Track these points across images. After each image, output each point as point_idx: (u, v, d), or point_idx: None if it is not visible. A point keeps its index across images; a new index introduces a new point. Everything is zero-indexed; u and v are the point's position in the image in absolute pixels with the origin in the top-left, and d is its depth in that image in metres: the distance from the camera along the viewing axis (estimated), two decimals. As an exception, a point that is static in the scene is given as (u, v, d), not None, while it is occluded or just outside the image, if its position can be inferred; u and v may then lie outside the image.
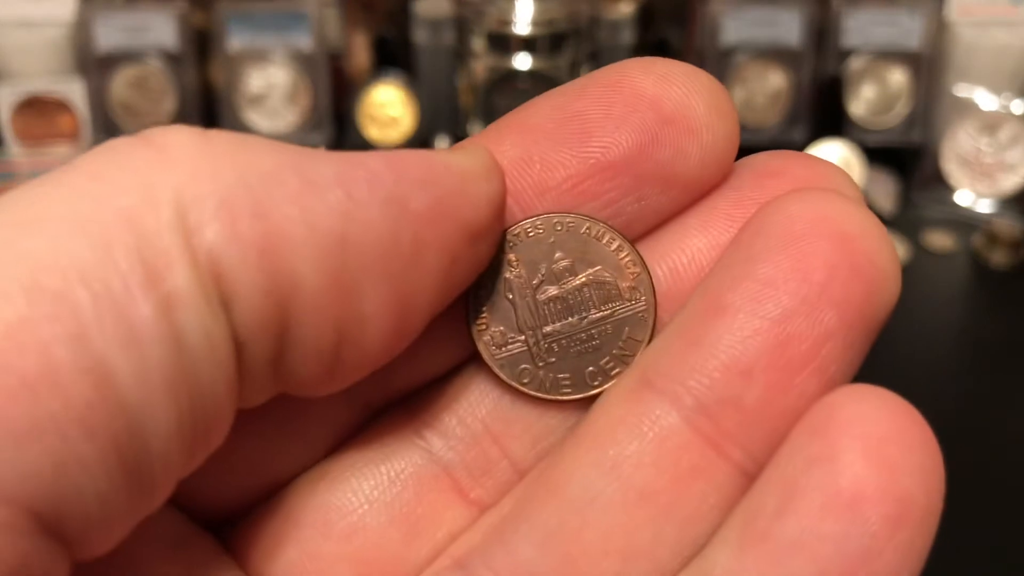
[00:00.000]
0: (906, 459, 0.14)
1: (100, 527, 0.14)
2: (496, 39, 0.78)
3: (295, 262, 0.14)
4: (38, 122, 0.80)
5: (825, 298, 0.14)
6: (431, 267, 0.16)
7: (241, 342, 0.15)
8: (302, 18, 0.81)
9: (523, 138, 0.17)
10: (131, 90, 0.80)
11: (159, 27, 0.80)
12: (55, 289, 0.13)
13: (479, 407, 0.18)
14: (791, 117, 0.81)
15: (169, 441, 0.14)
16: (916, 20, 0.79)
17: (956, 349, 0.69)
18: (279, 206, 0.14)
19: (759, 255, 0.15)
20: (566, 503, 0.16)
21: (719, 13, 0.80)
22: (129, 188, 0.14)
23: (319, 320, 0.15)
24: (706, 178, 0.17)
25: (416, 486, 0.18)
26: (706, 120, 0.16)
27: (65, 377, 0.13)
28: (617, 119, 0.16)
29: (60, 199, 0.14)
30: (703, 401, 0.15)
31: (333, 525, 0.18)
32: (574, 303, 0.17)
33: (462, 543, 0.18)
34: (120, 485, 0.14)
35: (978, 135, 0.78)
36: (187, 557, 0.17)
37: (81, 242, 0.13)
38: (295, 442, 0.18)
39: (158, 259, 0.14)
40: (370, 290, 0.15)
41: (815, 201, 0.15)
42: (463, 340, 0.18)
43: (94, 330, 0.13)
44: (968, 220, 0.77)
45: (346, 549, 0.18)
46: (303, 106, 0.81)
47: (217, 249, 0.14)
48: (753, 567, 0.14)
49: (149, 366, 0.13)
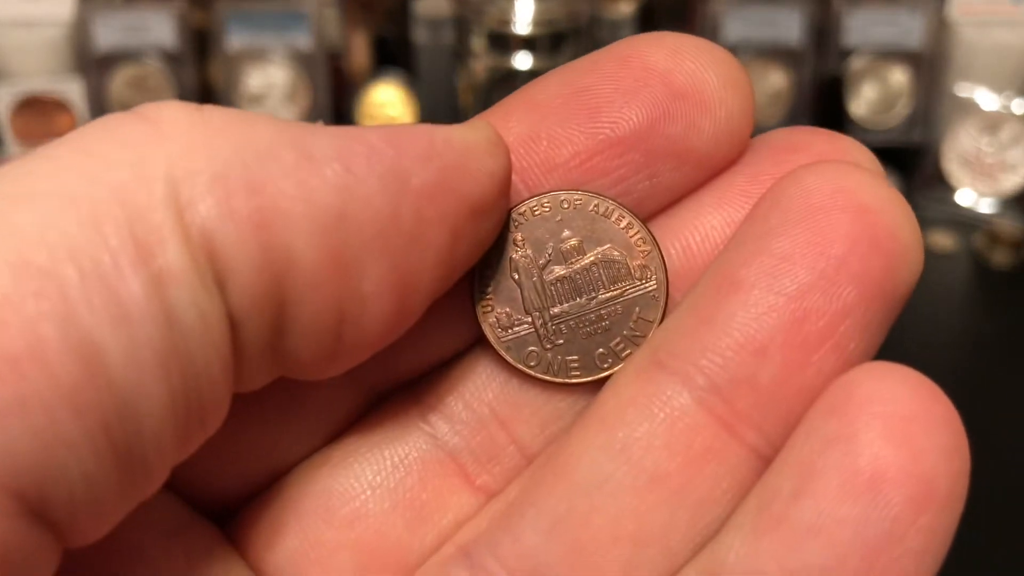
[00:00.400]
0: (929, 438, 0.13)
1: (89, 511, 0.13)
2: (496, 39, 0.78)
3: (291, 238, 0.14)
4: (37, 122, 0.80)
5: (844, 272, 0.14)
6: (432, 244, 0.15)
7: (236, 321, 0.14)
8: (301, 18, 0.81)
9: (529, 115, 0.16)
10: (130, 90, 0.80)
11: (158, 27, 0.80)
12: (42, 265, 0.13)
13: (485, 391, 0.18)
14: (792, 117, 0.80)
15: (162, 423, 0.14)
16: (917, 19, 0.79)
17: (957, 349, 0.69)
18: (275, 181, 0.14)
19: (775, 229, 0.14)
20: (574, 488, 0.16)
21: (719, 12, 0.80)
22: (121, 163, 0.14)
23: (317, 298, 0.15)
24: (720, 154, 0.16)
25: (420, 472, 0.18)
26: (720, 94, 0.16)
27: (52, 355, 0.13)
28: (627, 94, 0.16)
29: (50, 173, 0.13)
30: (716, 381, 0.15)
31: (335, 512, 0.17)
32: (582, 283, 0.17)
33: (467, 530, 0.17)
34: (110, 467, 0.13)
35: (979, 135, 0.78)
36: (186, 545, 0.17)
37: (70, 217, 0.13)
38: (297, 428, 0.18)
39: (149, 235, 0.13)
40: (370, 267, 0.15)
41: (833, 173, 0.15)
42: (468, 322, 0.18)
43: (82, 307, 0.13)
44: (969, 220, 0.77)
45: (348, 536, 0.17)
46: (302, 106, 0.81)
47: (210, 225, 0.14)
48: (768, 553, 0.14)
49: (139, 344, 0.13)
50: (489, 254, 0.17)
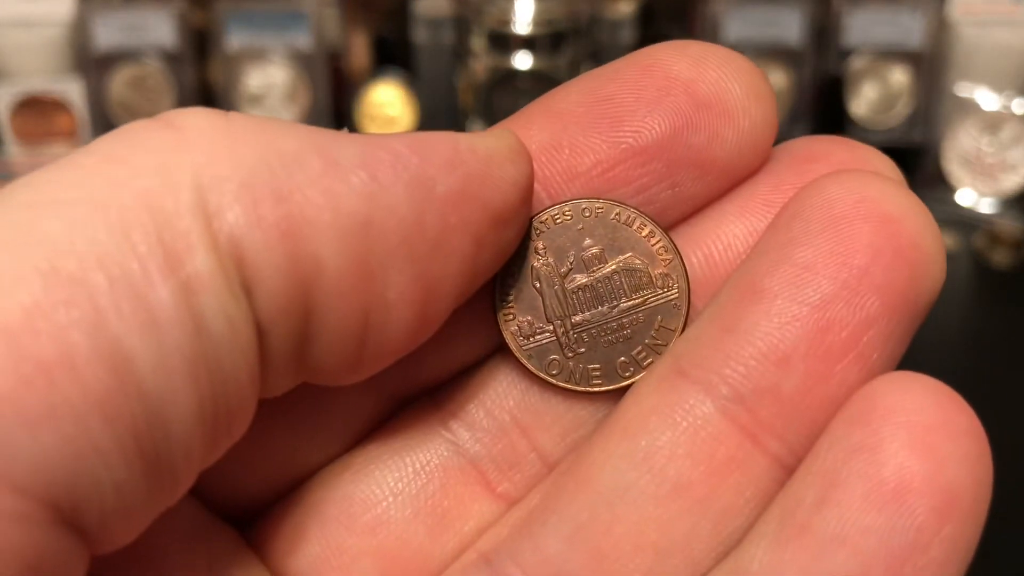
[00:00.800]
0: (953, 448, 0.13)
1: (119, 518, 0.14)
2: (496, 38, 0.78)
3: (318, 245, 0.14)
4: (37, 122, 0.80)
5: (867, 283, 0.14)
6: (456, 251, 0.15)
7: (263, 327, 0.14)
8: (301, 17, 0.81)
9: (551, 123, 0.16)
10: (130, 89, 0.80)
11: (158, 26, 0.80)
12: (72, 273, 0.13)
13: (507, 399, 0.18)
14: (792, 117, 0.81)
15: (190, 429, 0.14)
16: (917, 19, 0.79)
17: (957, 349, 0.69)
18: (302, 188, 0.14)
19: (797, 238, 0.14)
20: (596, 496, 0.16)
21: (720, 12, 0.80)
22: (148, 170, 0.14)
23: (342, 305, 0.15)
24: (743, 164, 0.16)
25: (442, 479, 0.18)
26: (743, 104, 0.16)
27: (82, 363, 0.13)
28: (649, 103, 0.16)
29: (77, 181, 0.13)
30: (739, 390, 0.15)
31: (357, 518, 0.17)
32: (604, 291, 0.17)
33: (489, 538, 0.17)
34: (139, 474, 0.13)
35: (979, 135, 0.78)
36: (208, 550, 0.17)
37: (99, 225, 0.13)
38: (319, 433, 0.18)
39: (177, 242, 0.13)
40: (394, 275, 0.15)
41: (855, 182, 0.15)
42: (490, 330, 0.18)
43: (112, 315, 0.13)
44: (969, 220, 0.77)
45: (370, 543, 0.17)
46: (302, 105, 0.81)
47: (238, 232, 0.14)
48: (792, 562, 0.13)
49: (168, 351, 0.13)
50: (511, 262, 0.17)
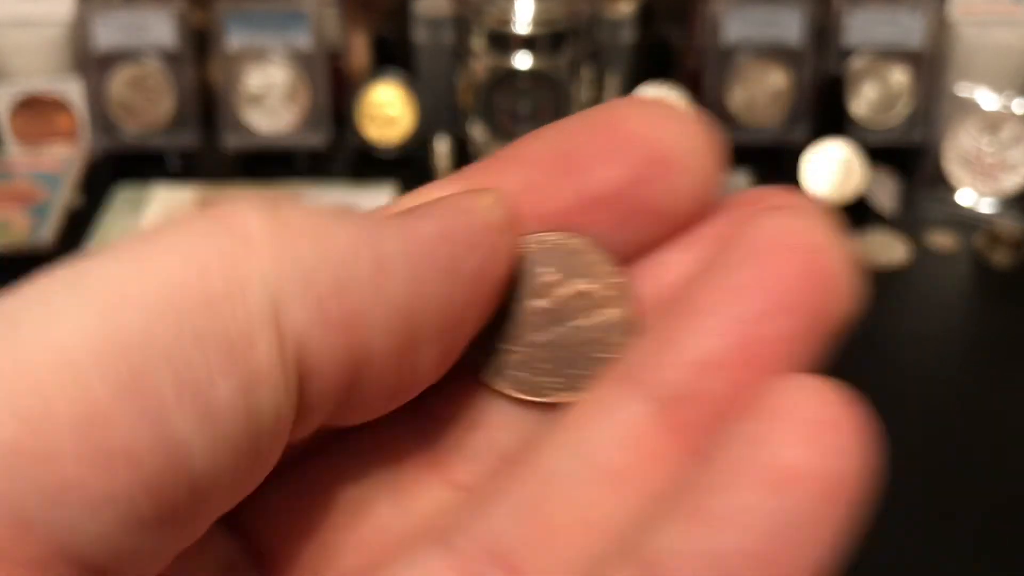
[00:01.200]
0: (837, 441, 0.15)
1: (145, 572, 0.15)
2: (496, 38, 0.78)
3: (371, 336, 0.16)
4: (36, 121, 0.80)
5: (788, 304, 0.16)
6: (473, 322, 0.17)
7: (305, 409, 0.16)
8: (301, 17, 0.81)
9: (521, 169, 0.18)
10: (129, 89, 0.80)
11: (158, 26, 0.80)
12: (140, 368, 0.14)
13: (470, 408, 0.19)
14: (792, 117, 0.81)
15: (223, 498, 0.15)
16: (917, 19, 0.79)
17: (957, 349, 0.69)
18: (358, 285, 0.16)
19: (731, 264, 0.17)
20: (538, 480, 0.17)
21: (720, 12, 0.80)
22: (213, 271, 0.15)
23: (380, 382, 0.16)
24: (694, 212, 0.18)
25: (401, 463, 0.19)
26: (693, 159, 0.18)
27: (144, 455, 0.14)
28: (609, 156, 0.18)
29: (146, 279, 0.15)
30: (671, 393, 0.17)
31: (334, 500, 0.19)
32: (562, 313, 0.18)
33: (443, 517, 0.18)
34: (171, 538, 0.15)
35: (979, 134, 0.78)
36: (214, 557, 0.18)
37: (167, 323, 0.14)
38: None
39: (242, 339, 0.15)
40: (427, 350, 0.17)
41: (785, 217, 0.17)
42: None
43: (175, 410, 0.14)
44: (969, 220, 0.77)
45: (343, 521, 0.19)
46: (302, 105, 0.81)
47: (301, 328, 0.15)
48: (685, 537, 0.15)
49: (222, 442, 0.15)
50: None
